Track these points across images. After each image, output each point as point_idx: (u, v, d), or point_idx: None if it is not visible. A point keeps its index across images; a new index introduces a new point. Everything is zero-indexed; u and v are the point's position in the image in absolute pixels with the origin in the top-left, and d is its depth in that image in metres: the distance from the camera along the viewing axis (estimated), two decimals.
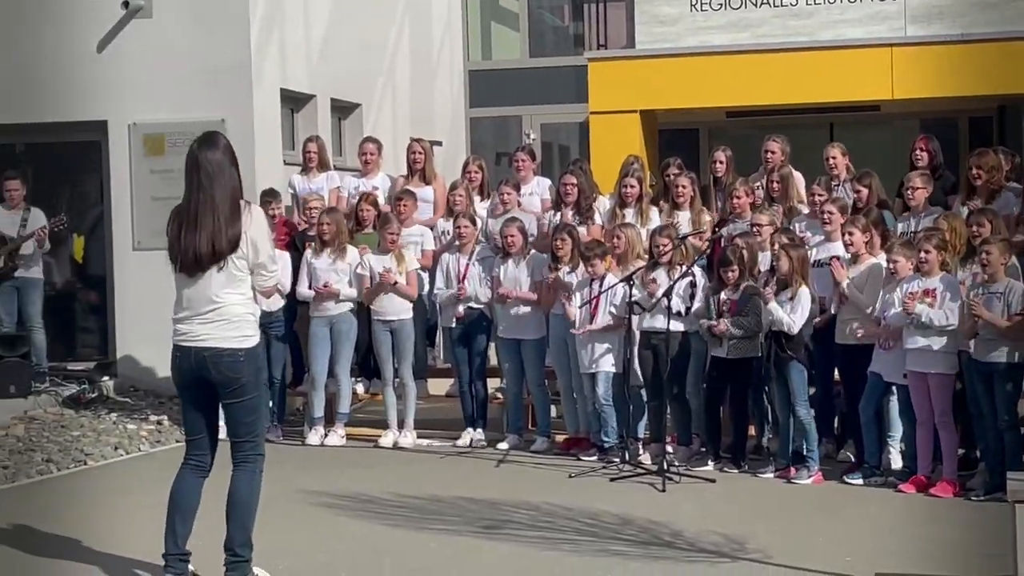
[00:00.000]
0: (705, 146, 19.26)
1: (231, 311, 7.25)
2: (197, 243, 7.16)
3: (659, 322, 11.15)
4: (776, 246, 10.97)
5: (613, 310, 11.50)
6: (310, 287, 12.60)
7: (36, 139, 15.49)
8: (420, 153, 13.82)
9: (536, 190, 13.54)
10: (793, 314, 10.63)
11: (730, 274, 11.05)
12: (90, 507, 10.03)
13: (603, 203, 12.88)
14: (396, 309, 12.49)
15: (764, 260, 11.30)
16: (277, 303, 12.57)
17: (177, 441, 12.64)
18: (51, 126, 15.08)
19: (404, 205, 13.02)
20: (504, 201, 12.84)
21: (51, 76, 14.87)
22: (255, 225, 7.25)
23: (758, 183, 12.62)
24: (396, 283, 12.34)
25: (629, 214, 12.43)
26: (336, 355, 12.65)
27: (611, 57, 19.10)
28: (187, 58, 14.66)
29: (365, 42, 17.44)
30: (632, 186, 12.50)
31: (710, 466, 11.14)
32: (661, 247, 11.38)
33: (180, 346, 7.34)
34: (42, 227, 14.09)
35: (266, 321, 12.61)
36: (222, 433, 7.62)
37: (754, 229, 11.52)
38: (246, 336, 7.30)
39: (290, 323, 13.04)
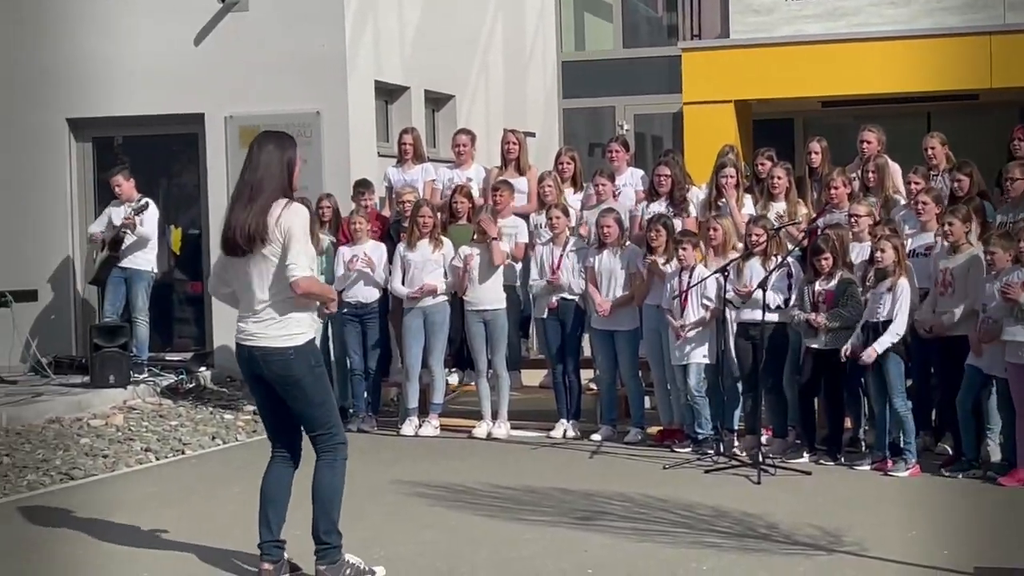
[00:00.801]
0: (800, 136, 19.11)
1: (279, 309, 7.27)
2: (233, 227, 7.23)
3: (755, 313, 11.09)
4: (878, 237, 10.85)
5: (706, 302, 11.44)
6: (403, 281, 12.65)
7: (134, 132, 15.68)
8: (514, 144, 13.82)
9: (630, 181, 13.51)
10: (894, 305, 10.52)
11: (823, 262, 10.94)
12: (188, 495, 10.13)
13: (696, 194, 12.82)
14: (490, 300, 12.51)
15: (862, 252, 11.19)
16: (373, 294, 12.67)
17: None
18: (149, 119, 15.26)
19: (501, 196, 13.03)
20: (599, 192, 12.81)
21: (149, 69, 15.05)
22: (286, 219, 7.19)
23: (854, 173, 12.50)
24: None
25: (724, 204, 12.37)
26: (430, 346, 12.69)
27: (705, 47, 19.00)
28: (282, 51, 14.78)
29: (459, 33, 17.48)
30: (731, 175, 12.44)
31: (805, 458, 11.06)
32: (755, 238, 11.31)
33: (238, 344, 7.42)
34: (126, 217, 14.25)
35: (361, 312, 12.82)
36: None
37: (851, 220, 11.42)
38: (294, 334, 7.31)
39: (384, 314, 13.10)
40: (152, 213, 14.41)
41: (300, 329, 7.32)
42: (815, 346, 11.01)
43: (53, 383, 14.02)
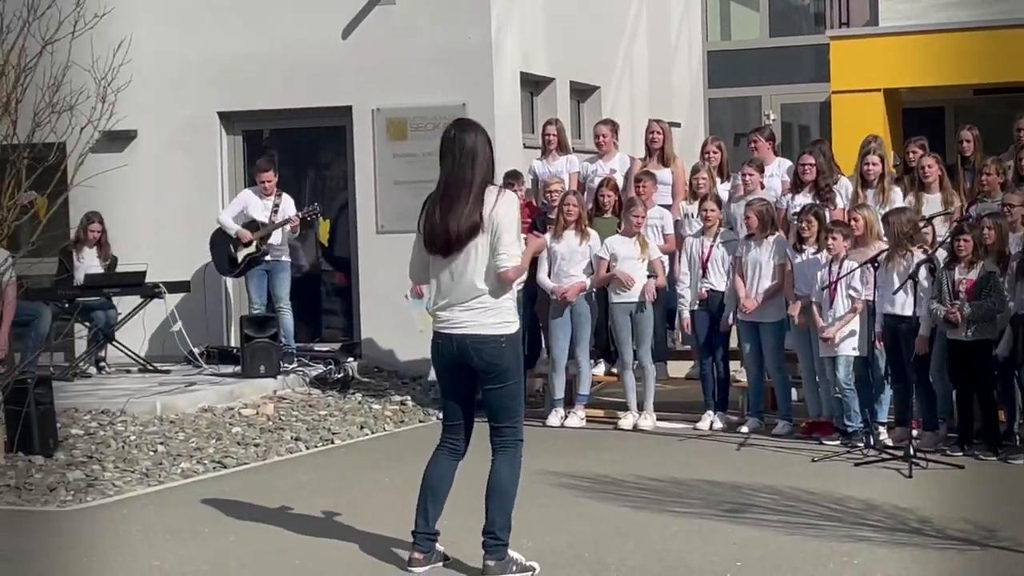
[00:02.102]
0: (951, 125, 18.79)
1: (492, 298, 7.30)
2: (448, 226, 7.21)
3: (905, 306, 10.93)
4: None
5: (853, 293, 11.30)
6: (549, 273, 12.67)
7: (282, 125, 15.89)
8: (659, 134, 13.77)
9: (777, 171, 13.39)
10: None
11: (962, 243, 10.71)
12: (338, 484, 10.24)
13: (845, 184, 12.66)
14: (635, 292, 12.48)
15: (1013, 242, 10.98)
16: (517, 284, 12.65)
17: (420, 422, 12.88)
18: (297, 112, 15.45)
19: (644, 187, 12.99)
20: (746, 183, 12.71)
21: (297, 62, 15.24)
22: (502, 207, 7.24)
23: (1009, 162, 12.26)
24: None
25: (870, 195, 12.22)
26: (576, 337, 12.70)
27: (854, 35, 18.79)
28: (429, 43, 14.87)
29: (604, 24, 17.46)
30: (874, 164, 12.28)
31: (958, 452, 10.88)
32: (896, 228, 11.14)
33: (441, 333, 7.39)
34: (296, 215, 14.45)
35: None
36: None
37: (1004, 209, 11.20)
38: (507, 322, 7.34)
39: (529, 305, 13.13)
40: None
41: (512, 317, 7.37)
42: (958, 338, 10.81)
43: (205, 373, 14.27)
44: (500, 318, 7.32)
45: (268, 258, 14.54)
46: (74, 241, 14.50)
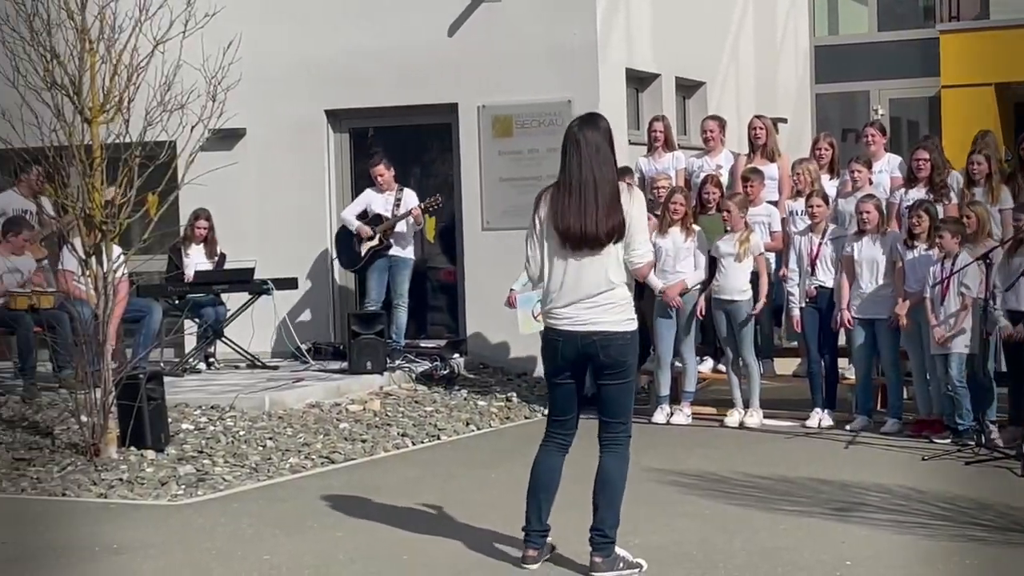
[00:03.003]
0: None
1: (618, 294, 7.30)
2: (586, 225, 7.19)
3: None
4: None
5: (964, 290, 11.15)
6: (656, 269, 12.62)
7: (389, 122, 15.96)
8: (762, 129, 13.70)
9: (886, 167, 13.27)
10: None
11: None
12: (445, 480, 10.28)
13: (956, 178, 12.51)
14: (734, 288, 12.41)
15: None
16: None
17: (526, 418, 12.89)
18: (404, 109, 15.52)
19: (752, 186, 12.92)
20: (855, 179, 12.60)
21: (404, 60, 15.31)
22: (635, 205, 7.28)
23: None
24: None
25: (978, 192, 12.05)
26: (681, 334, 12.65)
27: (964, 29, 18.56)
28: (535, 40, 14.88)
29: (709, 19, 17.38)
30: (979, 163, 12.11)
31: None
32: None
33: (562, 330, 7.37)
34: (418, 205, 14.53)
35: None
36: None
37: None
38: (631, 319, 7.37)
39: (635, 302, 13.07)
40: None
41: (633, 314, 7.40)
42: None
43: (312, 369, 14.38)
44: (626, 314, 7.34)
45: (391, 252, 14.64)
46: (182, 238, 14.67)
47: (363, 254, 14.66)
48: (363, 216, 14.76)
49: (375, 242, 14.62)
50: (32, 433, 11.54)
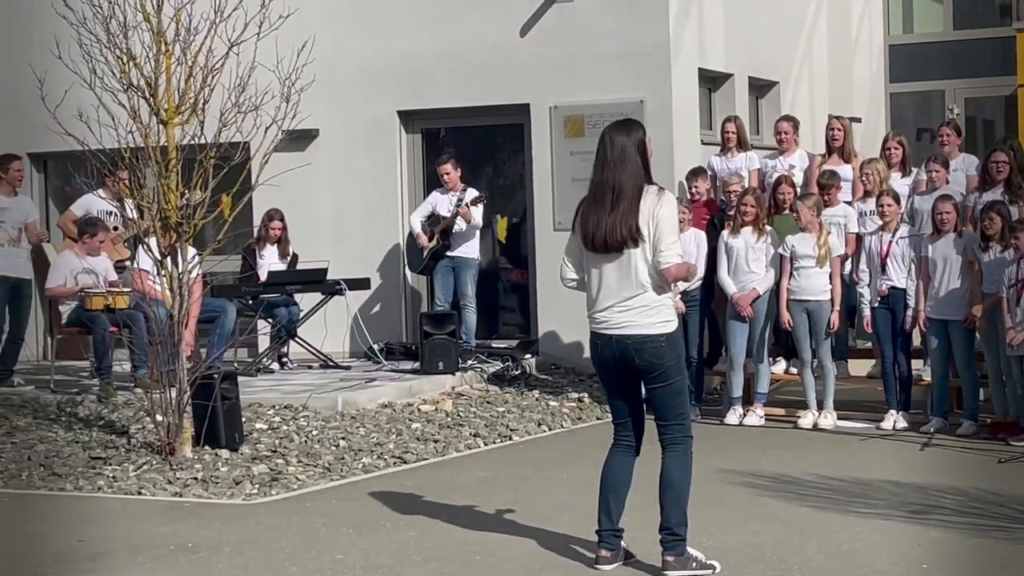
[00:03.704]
0: None
1: (650, 297, 7.31)
2: (603, 227, 7.27)
3: None
4: None
5: None
6: (728, 271, 12.59)
7: (461, 123, 15.98)
8: (839, 130, 13.62)
9: (961, 167, 13.15)
10: None
11: None
12: (518, 481, 10.28)
13: None
14: (814, 290, 12.34)
15: None
16: (693, 282, 12.61)
17: (598, 419, 12.86)
18: (476, 110, 15.53)
19: (831, 193, 12.82)
20: (933, 178, 12.50)
21: (476, 61, 15.32)
22: (663, 208, 7.26)
23: None
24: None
25: None
26: (754, 335, 12.60)
27: None
28: (607, 40, 14.84)
29: (782, 18, 17.27)
30: None
31: None
32: None
33: (600, 334, 7.44)
34: (464, 204, 14.55)
35: (683, 300, 12.76)
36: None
37: None
38: (666, 321, 7.35)
39: (707, 302, 13.06)
40: (482, 205, 14.70)
41: (671, 316, 7.39)
42: None
43: (384, 369, 14.42)
44: (659, 317, 7.33)
45: (451, 253, 14.67)
46: (256, 239, 14.75)
47: (423, 256, 14.72)
48: (432, 218, 14.81)
49: (433, 243, 14.66)
50: (108, 432, 11.65)
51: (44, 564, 8.10)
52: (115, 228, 13.94)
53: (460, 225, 14.59)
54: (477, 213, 14.62)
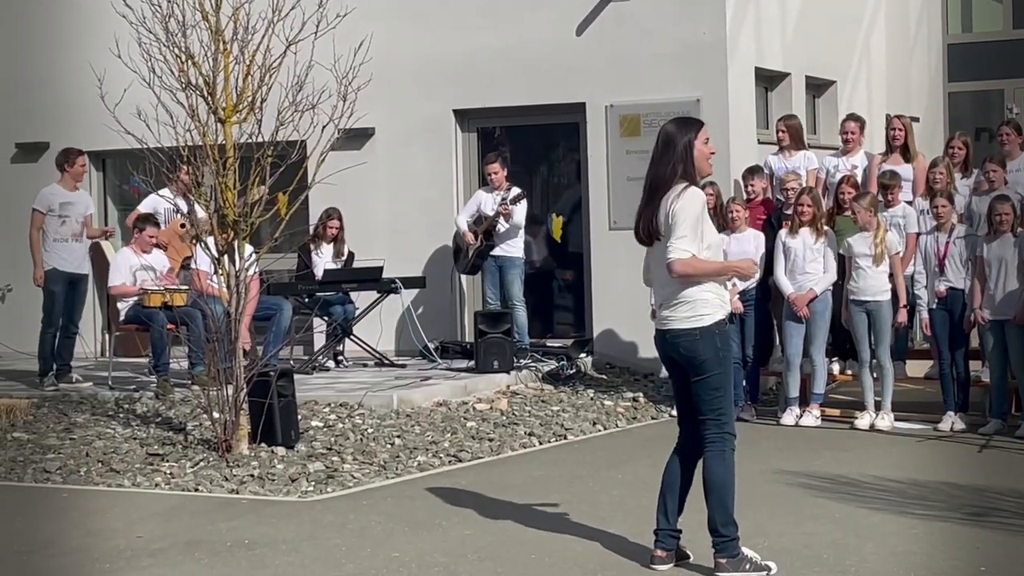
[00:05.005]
0: None
1: (688, 292, 7.35)
2: (637, 223, 7.47)
3: None
4: None
5: None
6: (785, 270, 12.54)
7: (516, 122, 15.98)
8: (900, 130, 13.56)
9: (1022, 166, 13.04)
10: None
11: None
12: (573, 480, 10.27)
13: None
14: (874, 290, 12.27)
15: None
16: (750, 281, 12.56)
17: (653, 418, 12.85)
18: (531, 109, 15.53)
19: (892, 194, 12.75)
20: (991, 178, 12.40)
21: (532, 59, 15.31)
22: (679, 202, 7.27)
23: None
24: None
25: None
26: (811, 335, 12.54)
27: None
28: (663, 39, 14.81)
29: (840, 17, 17.18)
30: None
31: None
32: None
33: (656, 330, 7.58)
34: (504, 203, 14.54)
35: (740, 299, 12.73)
36: None
37: None
38: (701, 315, 7.37)
39: (763, 301, 13.01)
40: (523, 203, 14.67)
41: (708, 310, 7.37)
42: None
43: (440, 367, 14.44)
44: (693, 311, 7.36)
45: (495, 253, 14.67)
46: (312, 237, 14.81)
47: (468, 256, 14.73)
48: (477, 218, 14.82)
49: (477, 243, 14.66)
50: (165, 429, 11.72)
51: (104, 559, 8.17)
52: (182, 226, 14.01)
53: (502, 224, 14.59)
54: (518, 212, 14.59)
